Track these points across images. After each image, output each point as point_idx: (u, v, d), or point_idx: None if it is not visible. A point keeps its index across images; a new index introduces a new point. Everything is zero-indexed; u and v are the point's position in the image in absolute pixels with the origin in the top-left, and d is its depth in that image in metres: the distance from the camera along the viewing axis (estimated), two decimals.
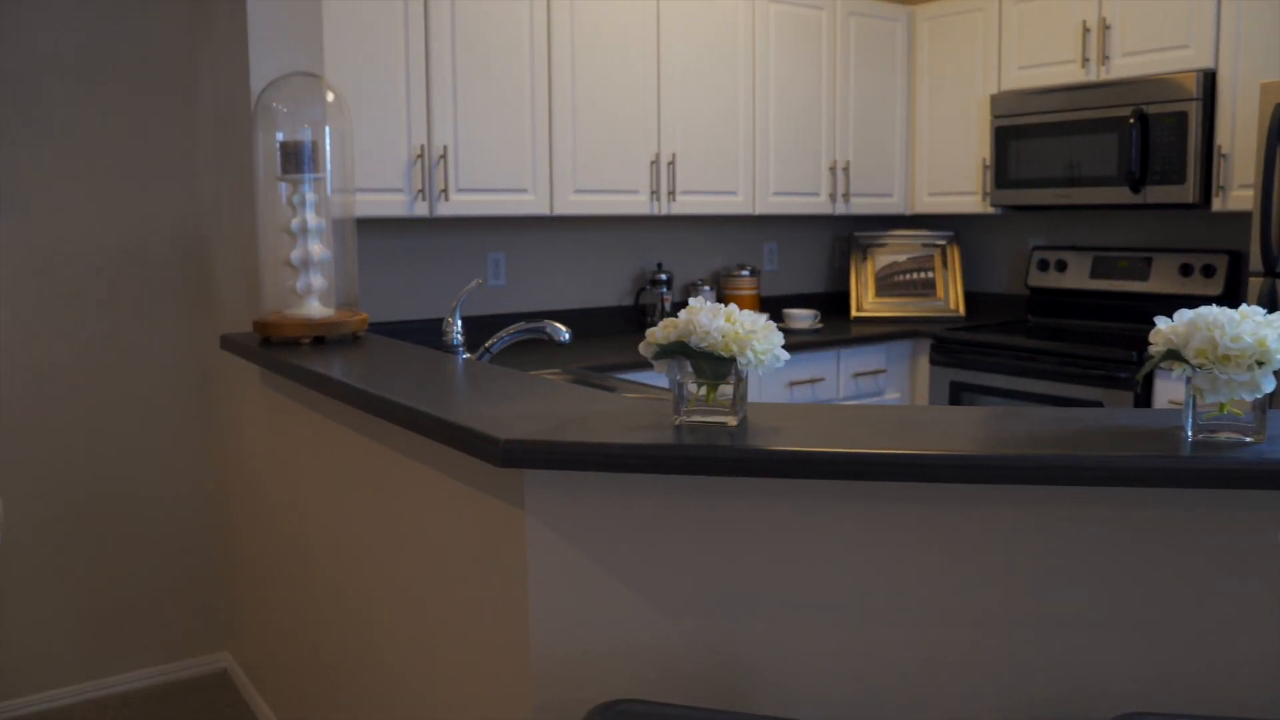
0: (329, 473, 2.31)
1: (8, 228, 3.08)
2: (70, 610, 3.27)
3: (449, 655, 1.82)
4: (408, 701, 2.02)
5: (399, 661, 2.04)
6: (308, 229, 2.40)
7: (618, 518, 1.51)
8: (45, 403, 3.18)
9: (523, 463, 1.41)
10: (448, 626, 1.81)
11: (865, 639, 1.50)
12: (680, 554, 1.52)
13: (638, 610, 1.53)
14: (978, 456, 1.33)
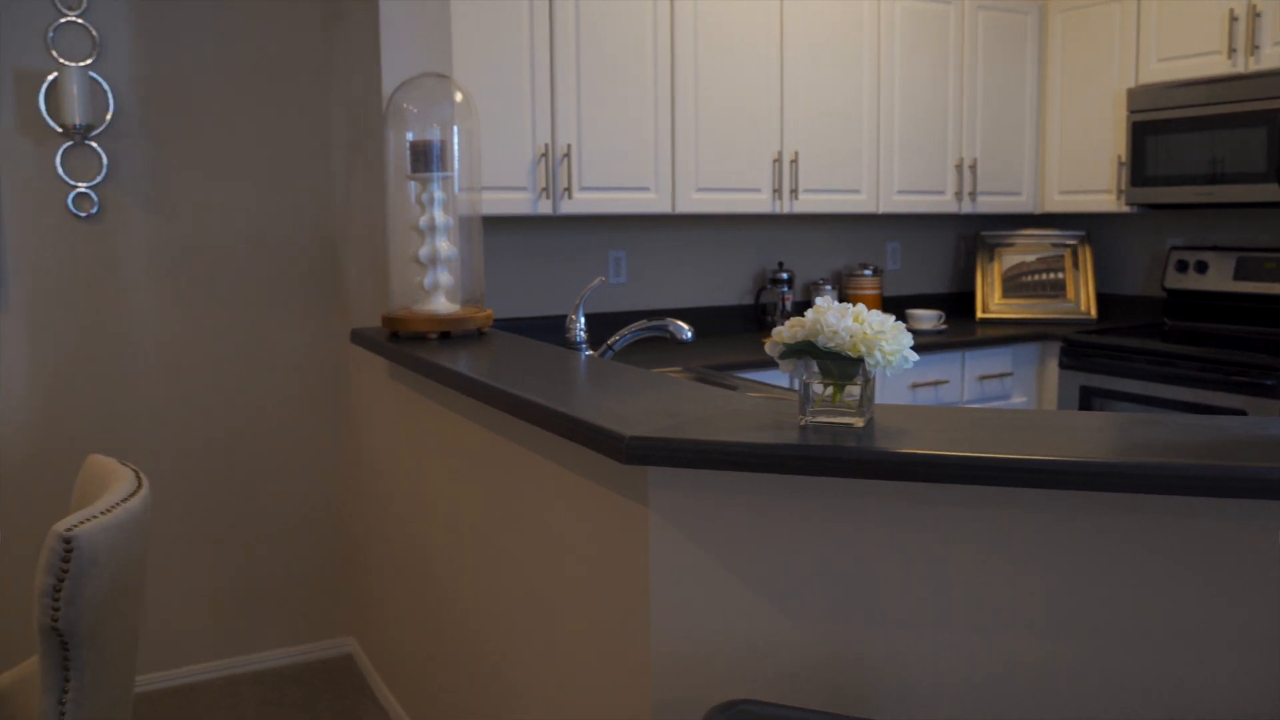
0: (453, 465, 2.36)
1: (156, 225, 3.23)
2: (208, 592, 3.41)
3: (568, 648, 1.84)
4: (526, 693, 2.05)
5: (518, 652, 2.07)
6: (435, 226, 2.45)
7: (740, 517, 1.51)
8: (187, 392, 3.32)
9: (647, 460, 1.42)
10: (568, 620, 1.83)
11: (987, 647, 1.46)
12: (802, 555, 1.50)
13: (758, 610, 1.52)
14: (1116, 464, 1.28)
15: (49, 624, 1.63)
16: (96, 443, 3.22)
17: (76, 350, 3.17)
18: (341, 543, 3.58)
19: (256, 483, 3.44)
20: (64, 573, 1.60)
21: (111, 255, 3.19)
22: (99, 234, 3.17)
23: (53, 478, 3.17)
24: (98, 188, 3.15)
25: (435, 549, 2.55)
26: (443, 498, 2.46)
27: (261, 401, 3.42)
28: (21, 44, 3.04)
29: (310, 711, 3.20)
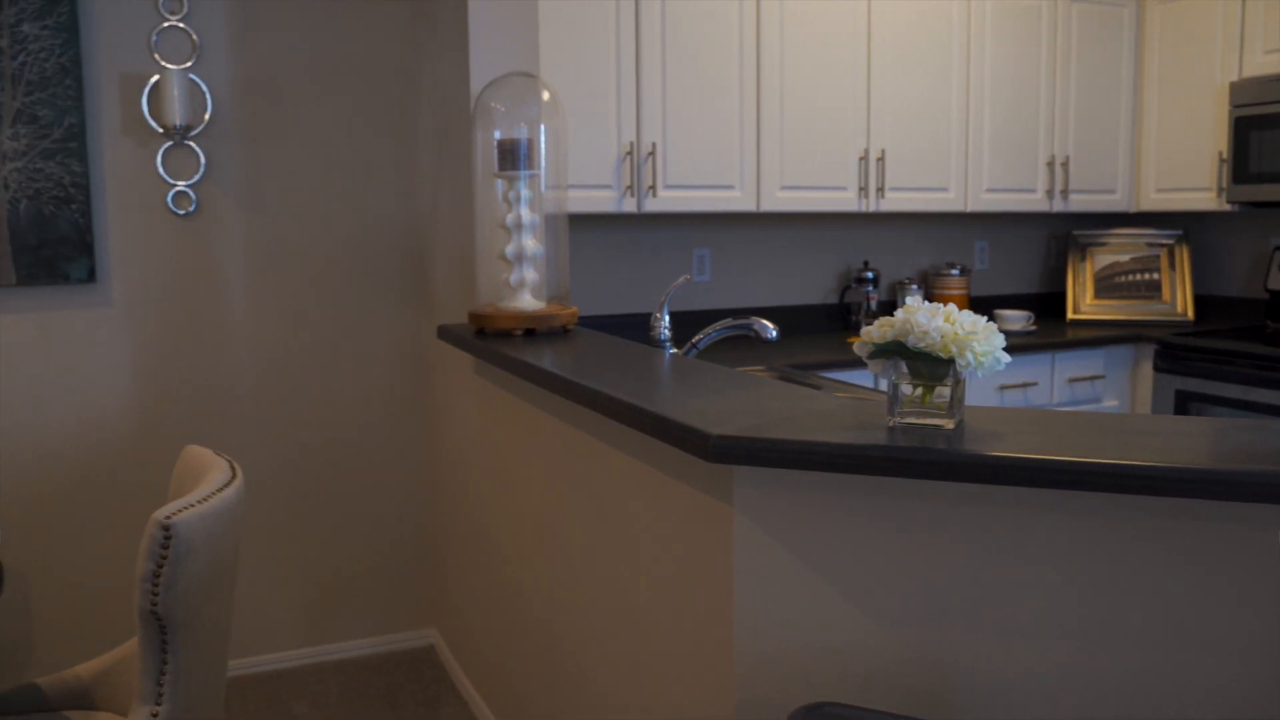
0: (536, 461, 2.38)
1: (250, 222, 3.31)
2: (296, 581, 3.49)
3: (651, 646, 1.84)
4: (607, 689, 2.06)
5: (598, 648, 2.08)
6: (522, 224, 2.47)
7: (826, 518, 1.49)
8: (278, 386, 3.40)
9: (733, 459, 1.41)
10: (650, 618, 1.84)
11: (1077, 656, 1.43)
12: (888, 557, 1.48)
13: (842, 612, 1.51)
14: (1219, 471, 1.24)
15: (148, 608, 1.68)
16: (192, 434, 3.31)
17: (174, 344, 3.27)
18: (425, 535, 3.63)
19: (344, 475, 3.51)
20: (163, 559, 1.65)
21: (208, 252, 3.28)
22: (196, 231, 3.26)
23: (151, 467, 3.27)
24: (195, 186, 3.24)
25: (517, 543, 2.57)
26: (525, 492, 2.48)
27: (349, 396, 3.49)
28: (126, 48, 3.14)
29: (392, 701, 3.26)
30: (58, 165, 3.06)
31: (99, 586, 3.26)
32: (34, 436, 3.15)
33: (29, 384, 3.13)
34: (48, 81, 3.03)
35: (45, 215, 3.06)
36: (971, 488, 1.44)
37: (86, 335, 3.17)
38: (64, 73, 3.05)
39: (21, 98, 3.02)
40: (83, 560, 3.24)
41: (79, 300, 3.16)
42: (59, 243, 3.08)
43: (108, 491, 3.24)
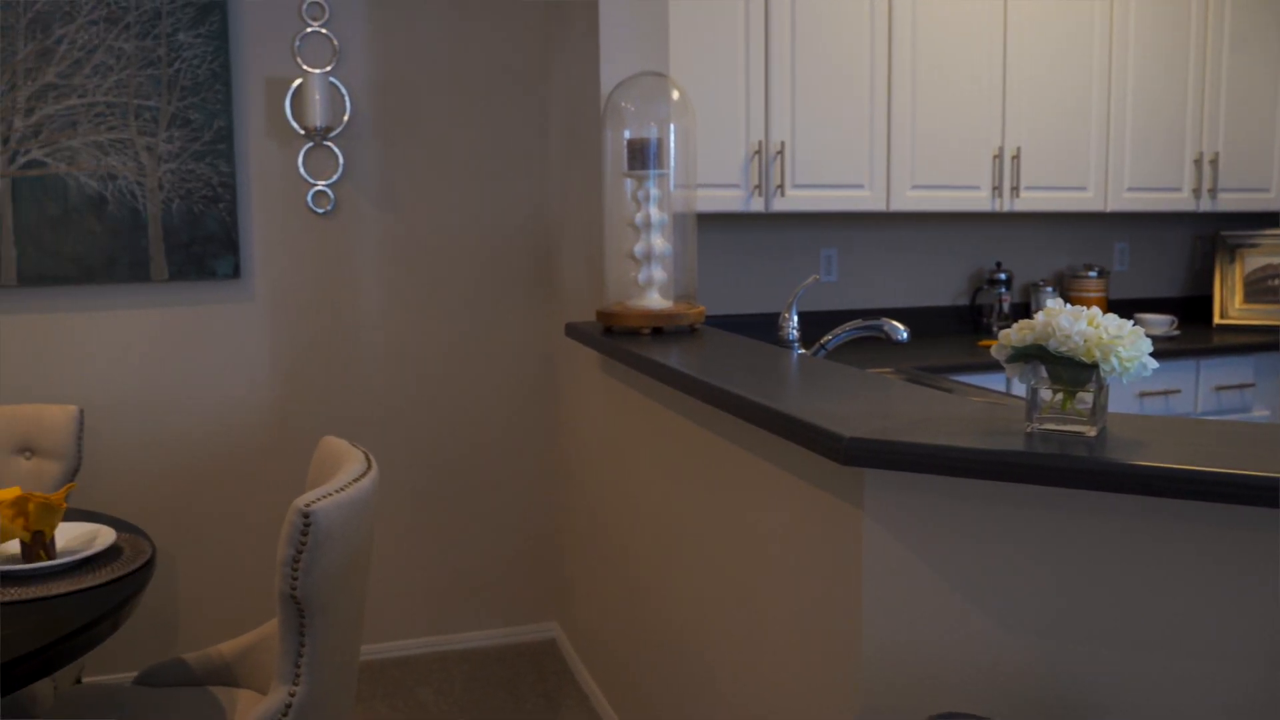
0: (661, 458, 2.38)
1: (385, 221, 3.41)
2: (424, 571, 3.58)
3: (774, 649, 1.83)
4: (728, 689, 2.05)
5: (721, 648, 2.08)
6: (651, 223, 2.48)
7: (959, 524, 1.46)
8: (411, 380, 3.49)
9: (865, 461, 1.39)
10: (774, 620, 1.82)
11: (1221, 675, 1.36)
12: (1023, 567, 1.44)
13: (974, 621, 1.47)
14: None
15: (288, 592, 1.74)
16: (329, 425, 3.42)
17: (312, 338, 3.39)
18: (549, 529, 3.68)
19: (472, 468, 3.58)
20: (303, 545, 1.71)
21: (345, 249, 3.38)
22: (334, 229, 3.37)
23: (289, 455, 3.40)
24: (334, 185, 3.35)
25: (640, 539, 2.59)
26: (649, 489, 2.49)
27: (478, 391, 3.56)
28: (271, 54, 3.26)
29: (514, 691, 3.31)
30: (207, 166, 3.20)
31: (240, 569, 3.40)
32: (182, 424, 3.30)
33: (178, 374, 3.28)
34: (199, 87, 3.17)
35: (195, 214, 3.21)
36: (1113, 498, 1.39)
37: (230, 329, 3.31)
38: (214, 78, 3.18)
39: (176, 102, 3.16)
40: (225, 543, 3.38)
41: (224, 295, 3.29)
42: (207, 240, 3.22)
43: (249, 478, 3.38)
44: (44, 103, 3.08)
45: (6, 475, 2.63)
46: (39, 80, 3.07)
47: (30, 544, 1.96)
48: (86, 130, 3.11)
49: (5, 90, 3.05)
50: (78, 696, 2.21)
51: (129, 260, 3.17)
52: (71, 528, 2.14)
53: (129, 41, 3.12)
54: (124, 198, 3.15)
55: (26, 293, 3.14)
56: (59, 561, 1.96)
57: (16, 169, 3.07)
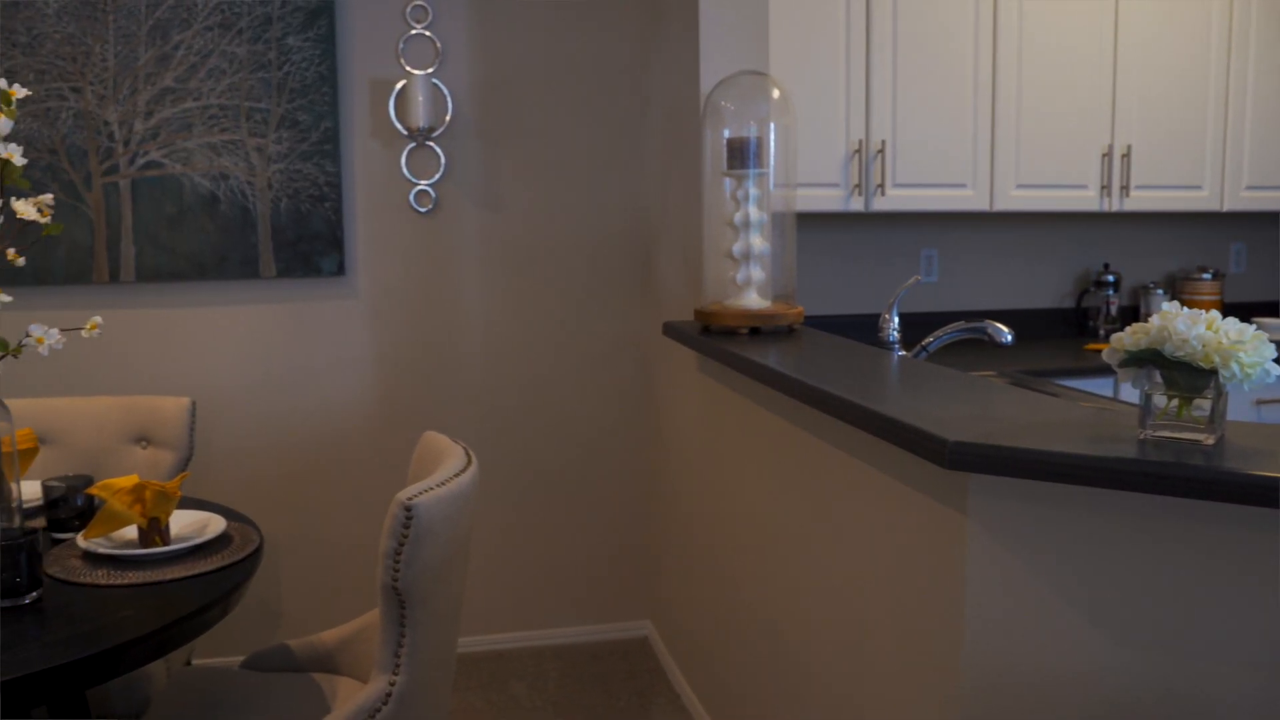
0: (758, 458, 2.37)
1: (485, 220, 3.46)
2: (519, 566, 3.62)
3: (871, 654, 1.81)
4: (821, 694, 2.03)
5: (815, 652, 2.06)
6: (750, 223, 2.47)
7: (1067, 532, 1.42)
8: (510, 377, 3.53)
9: (970, 466, 1.36)
10: (871, 625, 1.80)
11: None
12: (1134, 578, 1.39)
13: (1080, 633, 1.43)
14: None
15: (390, 583, 1.78)
16: (429, 420, 3.48)
17: (413, 335, 3.45)
18: (644, 527, 3.69)
19: (568, 465, 3.61)
20: (404, 537, 1.74)
21: (445, 247, 3.44)
22: (435, 228, 3.43)
23: (391, 450, 3.46)
24: (436, 185, 3.41)
25: (735, 540, 2.58)
26: (745, 490, 2.48)
27: (575, 389, 3.58)
28: (376, 56, 3.33)
29: (607, 688, 3.33)
30: (314, 166, 3.28)
31: (341, 560, 3.48)
32: (287, 417, 3.39)
33: (285, 369, 3.37)
34: (307, 89, 3.26)
35: (302, 212, 3.29)
36: (1232, 509, 1.34)
37: (335, 325, 3.39)
38: (322, 80, 3.26)
39: (285, 104, 3.25)
40: (327, 534, 3.46)
41: (329, 292, 3.38)
42: (313, 238, 3.31)
43: (351, 471, 3.46)
44: (162, 106, 3.19)
45: (125, 464, 2.74)
46: (157, 85, 3.18)
47: (146, 530, 2.03)
48: (201, 132, 3.22)
49: (127, 95, 3.17)
50: (188, 677, 2.29)
51: (239, 257, 3.27)
52: (185, 515, 2.21)
53: (241, 46, 3.21)
54: (235, 197, 3.25)
55: (144, 288, 3.26)
56: (173, 548, 2.02)
57: (136, 170, 3.19)
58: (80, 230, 3.18)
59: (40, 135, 3.14)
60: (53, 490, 2.19)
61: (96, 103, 3.16)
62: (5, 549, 1.77)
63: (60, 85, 3.14)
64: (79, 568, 1.96)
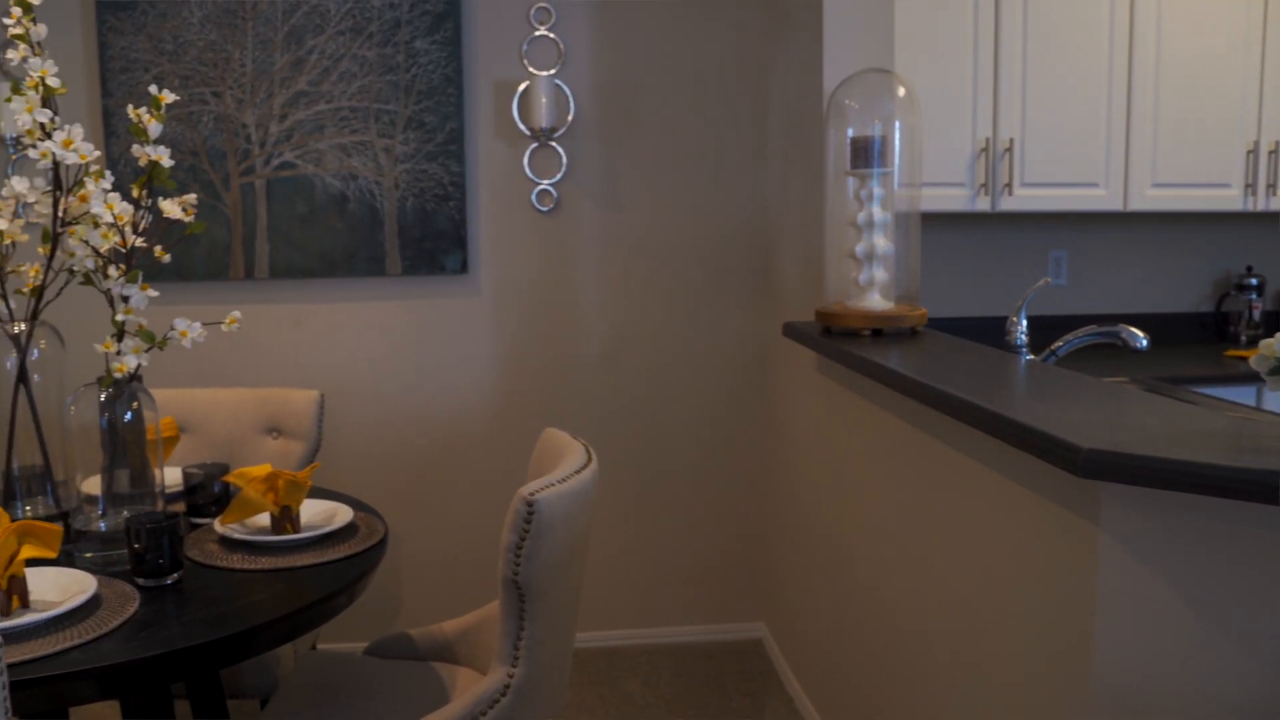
0: (879, 462, 2.33)
1: (605, 219, 3.48)
2: (633, 564, 3.63)
3: (994, 665, 1.76)
4: (940, 704, 1.99)
5: (935, 662, 2.01)
6: (873, 223, 2.43)
7: (1207, 546, 1.36)
8: (628, 375, 3.55)
9: (1104, 475, 1.31)
10: (995, 635, 1.75)
11: None
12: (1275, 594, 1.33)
13: (1221, 652, 1.37)
14: None
15: (510, 576, 1.80)
16: (547, 416, 3.53)
17: (533, 332, 3.50)
18: (759, 528, 3.67)
19: (684, 465, 3.61)
20: (525, 532, 1.77)
21: (566, 246, 3.48)
22: (556, 227, 3.47)
23: (510, 445, 3.52)
24: (557, 184, 3.45)
25: (852, 543, 2.54)
26: (864, 493, 2.44)
27: (693, 388, 3.58)
28: (500, 57, 3.39)
29: (719, 689, 3.32)
30: (439, 166, 3.35)
31: (460, 552, 3.55)
32: (411, 411, 3.47)
33: (409, 364, 3.46)
34: (434, 91, 3.33)
35: (427, 212, 3.37)
36: None
37: (458, 322, 3.46)
38: (447, 82, 3.33)
39: (412, 106, 3.33)
40: (447, 526, 3.54)
41: (452, 289, 3.45)
42: (438, 236, 3.38)
43: (471, 465, 3.52)
44: (295, 109, 3.30)
45: (257, 453, 2.84)
46: (292, 88, 3.30)
47: (279, 517, 2.10)
48: (332, 133, 3.32)
49: (263, 98, 3.29)
50: (314, 661, 2.37)
51: (367, 255, 3.37)
52: (314, 504, 2.28)
53: (371, 50, 3.30)
54: (363, 196, 3.34)
55: (276, 284, 3.38)
56: (303, 535, 2.09)
57: (271, 171, 3.31)
58: (219, 229, 3.31)
59: (183, 138, 3.28)
60: (192, 477, 2.29)
61: (235, 106, 3.29)
62: (150, 532, 1.86)
63: (202, 90, 3.27)
64: (216, 552, 2.05)
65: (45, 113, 1.93)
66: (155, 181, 2.01)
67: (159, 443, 2.07)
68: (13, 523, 1.74)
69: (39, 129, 1.93)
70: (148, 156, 1.99)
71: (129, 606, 1.76)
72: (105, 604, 1.77)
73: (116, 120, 3.26)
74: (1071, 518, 1.49)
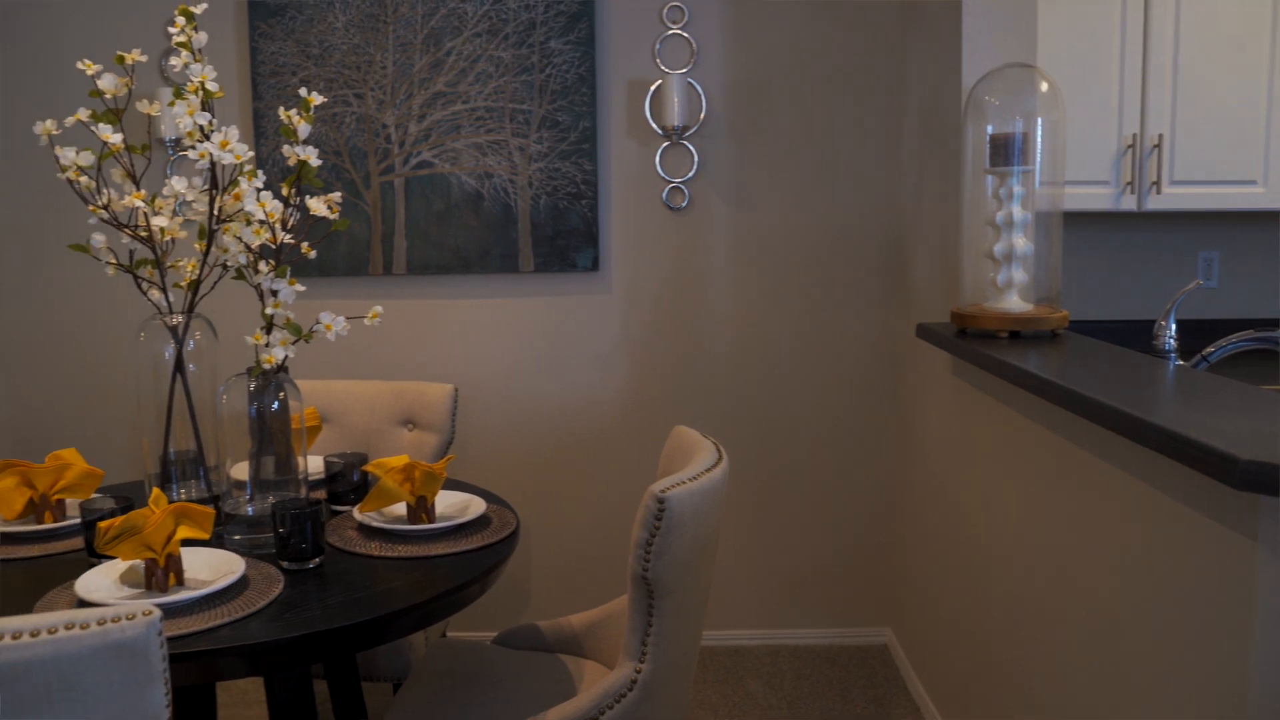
0: (1016, 468, 2.27)
1: (735, 217, 3.47)
2: (758, 565, 3.62)
3: (1136, 687, 1.69)
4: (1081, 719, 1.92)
5: (1073, 679, 1.95)
6: (1013, 222, 2.37)
7: None
8: (756, 374, 3.54)
9: (1264, 488, 1.25)
10: (1139, 655, 1.69)
11: None
12: None
13: None
14: None
15: (640, 573, 1.82)
16: (676, 414, 3.54)
17: (662, 330, 3.51)
18: (887, 532, 3.61)
19: (811, 466, 3.58)
20: (656, 529, 1.77)
21: (696, 244, 3.48)
22: (687, 225, 3.47)
23: (638, 442, 3.54)
24: (688, 182, 3.45)
25: (987, 552, 2.48)
26: (1000, 500, 2.38)
27: (821, 388, 3.55)
28: (633, 57, 3.41)
29: (844, 693, 3.28)
30: (572, 165, 3.39)
31: (587, 546, 3.59)
32: (541, 407, 3.53)
33: (540, 360, 3.51)
34: (567, 90, 3.37)
35: (559, 209, 3.41)
36: None
37: (588, 319, 3.50)
38: (581, 82, 3.37)
39: (546, 105, 3.38)
40: (575, 521, 3.58)
41: (583, 286, 3.49)
42: (570, 234, 3.42)
43: (599, 461, 3.56)
44: (434, 109, 3.38)
45: (392, 444, 2.92)
46: (430, 89, 3.38)
47: (415, 507, 2.16)
48: (468, 133, 3.39)
49: (403, 99, 3.38)
50: (445, 648, 2.42)
51: (500, 252, 3.43)
52: (448, 495, 2.34)
53: (507, 51, 3.37)
54: (498, 194, 3.41)
55: (413, 280, 3.47)
56: (438, 525, 2.15)
57: (409, 170, 3.40)
58: (359, 226, 3.42)
59: (327, 138, 3.39)
60: (333, 465, 2.37)
61: (376, 107, 3.39)
62: (294, 517, 1.93)
63: (345, 92, 3.38)
64: (355, 538, 2.11)
65: (205, 116, 2.02)
66: (304, 180, 2.09)
67: (303, 431, 2.15)
68: (170, 504, 1.83)
69: (199, 131, 2.02)
70: (297, 156, 2.07)
71: (274, 588, 1.84)
72: (253, 584, 1.85)
73: (265, 122, 3.39)
74: (1226, 532, 1.42)
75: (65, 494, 2.25)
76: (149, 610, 1.27)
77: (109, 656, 1.23)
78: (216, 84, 2.07)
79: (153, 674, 1.27)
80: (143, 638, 1.25)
